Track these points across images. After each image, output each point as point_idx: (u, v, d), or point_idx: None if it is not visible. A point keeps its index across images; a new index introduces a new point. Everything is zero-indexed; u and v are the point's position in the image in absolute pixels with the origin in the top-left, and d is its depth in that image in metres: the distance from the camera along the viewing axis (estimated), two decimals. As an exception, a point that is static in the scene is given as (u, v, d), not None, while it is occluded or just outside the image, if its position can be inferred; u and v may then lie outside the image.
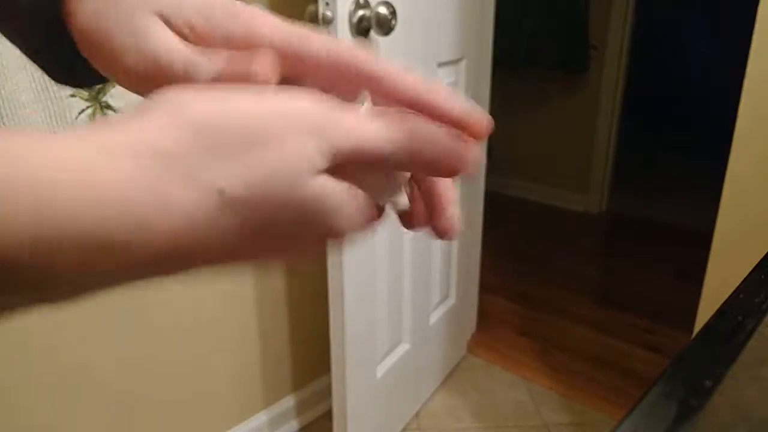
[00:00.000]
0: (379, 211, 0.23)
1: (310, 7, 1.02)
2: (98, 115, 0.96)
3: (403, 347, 1.45)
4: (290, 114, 0.18)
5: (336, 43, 0.23)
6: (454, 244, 1.64)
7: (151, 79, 0.22)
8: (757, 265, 0.47)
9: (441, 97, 0.22)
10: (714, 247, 1.09)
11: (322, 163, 0.18)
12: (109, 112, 0.96)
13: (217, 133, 0.17)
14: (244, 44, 0.23)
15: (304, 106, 0.19)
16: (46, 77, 0.96)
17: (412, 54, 1.22)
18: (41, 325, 0.99)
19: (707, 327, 0.38)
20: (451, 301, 1.69)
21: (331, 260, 1.15)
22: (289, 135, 0.18)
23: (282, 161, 0.17)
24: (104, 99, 0.96)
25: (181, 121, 0.16)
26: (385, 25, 1.02)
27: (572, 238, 2.82)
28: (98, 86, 0.95)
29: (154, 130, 0.16)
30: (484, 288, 1.98)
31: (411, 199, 0.27)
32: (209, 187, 0.16)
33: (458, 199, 0.27)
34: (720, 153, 1.31)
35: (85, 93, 0.94)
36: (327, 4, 0.97)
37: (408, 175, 0.26)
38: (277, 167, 0.17)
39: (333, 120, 0.19)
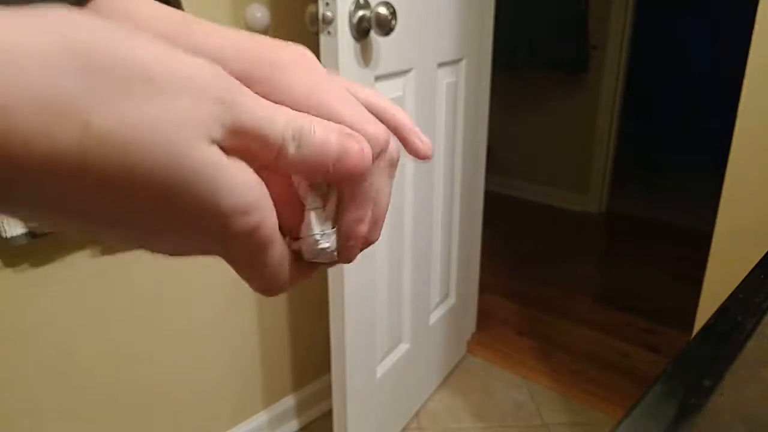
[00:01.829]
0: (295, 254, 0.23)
1: (310, 7, 1.02)
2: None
3: (403, 347, 1.45)
4: (197, 73, 0.17)
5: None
6: (454, 244, 1.64)
7: None
8: (756, 265, 0.47)
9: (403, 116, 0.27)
10: (714, 247, 1.09)
11: (218, 135, 0.17)
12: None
13: (103, 64, 0.15)
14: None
15: (216, 72, 0.17)
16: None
17: (412, 54, 1.22)
18: (49, 326, 0.99)
19: (707, 327, 0.38)
20: (451, 300, 1.69)
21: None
22: (188, 92, 0.16)
23: (170, 113, 0.16)
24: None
25: (67, 41, 0.15)
26: (385, 25, 1.02)
27: (572, 238, 2.82)
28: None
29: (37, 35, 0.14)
30: (484, 288, 1.98)
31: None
32: (77, 117, 0.15)
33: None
34: (720, 153, 1.32)
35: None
36: (327, 4, 0.97)
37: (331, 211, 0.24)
38: (163, 117, 0.15)
39: (243, 96, 0.18)
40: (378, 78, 1.12)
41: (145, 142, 0.15)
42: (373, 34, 1.04)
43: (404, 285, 1.39)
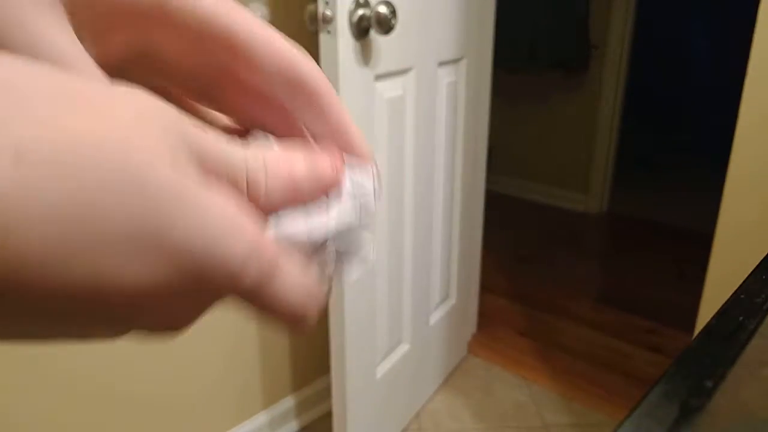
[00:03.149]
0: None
1: (310, 7, 1.02)
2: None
3: (403, 347, 1.45)
4: (137, 98, 0.14)
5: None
6: (454, 244, 1.64)
7: None
8: (758, 265, 0.47)
9: (359, 138, 0.21)
10: (715, 247, 1.08)
11: (184, 159, 0.14)
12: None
13: (21, 92, 0.12)
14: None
15: (159, 104, 0.15)
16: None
17: (412, 53, 1.22)
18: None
19: (708, 327, 0.38)
20: (452, 301, 1.69)
21: (331, 260, 1.15)
22: (137, 119, 0.14)
23: (116, 130, 0.13)
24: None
25: None
26: (385, 25, 1.02)
27: (572, 238, 2.82)
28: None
29: None
30: (484, 288, 1.98)
31: None
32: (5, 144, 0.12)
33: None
34: (720, 153, 1.31)
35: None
36: (327, 3, 0.97)
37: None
38: (107, 136, 0.13)
39: (192, 128, 0.15)
40: (378, 77, 1.12)
41: (92, 166, 0.12)
42: (373, 33, 1.04)
43: (404, 285, 1.39)
